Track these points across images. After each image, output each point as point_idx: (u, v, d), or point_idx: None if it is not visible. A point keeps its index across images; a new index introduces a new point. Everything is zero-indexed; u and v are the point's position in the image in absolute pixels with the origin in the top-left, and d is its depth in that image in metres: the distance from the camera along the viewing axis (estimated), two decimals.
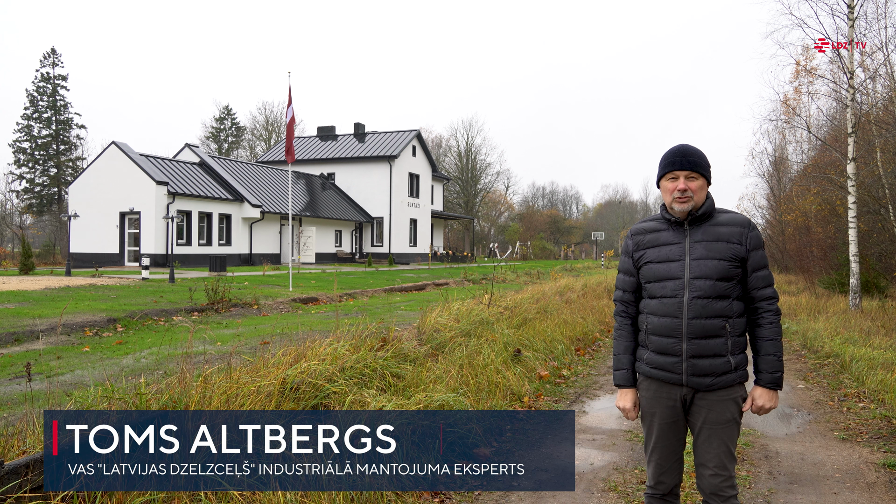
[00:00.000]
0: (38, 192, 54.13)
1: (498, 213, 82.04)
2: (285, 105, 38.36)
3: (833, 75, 18.67)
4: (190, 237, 30.84)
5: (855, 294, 14.22)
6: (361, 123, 47.64)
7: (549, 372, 7.75)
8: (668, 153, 2.85)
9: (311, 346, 5.52)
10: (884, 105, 17.61)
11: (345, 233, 41.96)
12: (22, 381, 5.80)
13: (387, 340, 6.21)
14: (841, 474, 4.67)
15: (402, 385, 5.42)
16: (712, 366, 2.72)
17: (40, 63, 54.97)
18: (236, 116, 70.27)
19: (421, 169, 46.64)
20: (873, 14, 20.71)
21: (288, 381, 4.67)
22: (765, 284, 2.78)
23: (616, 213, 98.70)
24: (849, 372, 8.25)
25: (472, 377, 6.27)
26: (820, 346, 10.22)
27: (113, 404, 3.70)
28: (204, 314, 12.25)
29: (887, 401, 6.61)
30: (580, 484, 4.43)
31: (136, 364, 6.58)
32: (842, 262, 17.71)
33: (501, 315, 9.58)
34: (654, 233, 2.88)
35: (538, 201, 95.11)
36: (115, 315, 10.89)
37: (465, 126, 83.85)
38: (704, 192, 2.80)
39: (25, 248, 24.25)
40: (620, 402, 2.95)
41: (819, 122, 27.07)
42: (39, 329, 9.10)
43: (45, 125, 53.76)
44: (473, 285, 17.66)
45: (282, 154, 46.34)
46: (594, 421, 6.06)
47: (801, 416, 6.40)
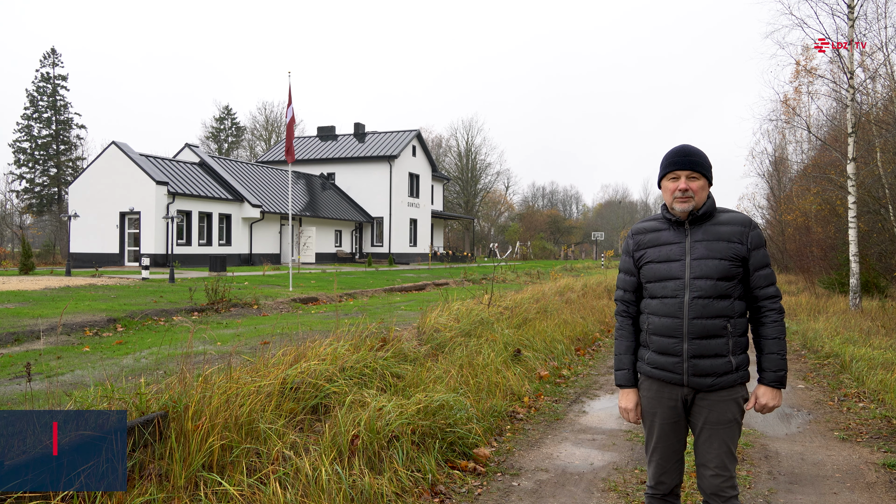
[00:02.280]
0: (38, 192, 54.12)
1: (498, 213, 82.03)
2: (285, 105, 38.38)
3: (833, 75, 18.68)
4: (190, 237, 30.83)
5: (855, 294, 14.21)
6: (361, 123, 47.66)
7: (549, 372, 7.75)
8: (669, 153, 2.85)
9: (311, 346, 5.52)
10: (884, 105, 17.60)
11: (345, 233, 41.95)
12: (22, 381, 5.79)
13: (387, 340, 6.21)
14: (841, 474, 4.67)
15: (402, 385, 5.42)
16: (713, 366, 2.72)
17: (40, 63, 54.99)
18: (236, 116, 70.30)
19: (421, 169, 46.63)
20: (873, 14, 20.72)
21: (288, 381, 4.67)
22: (767, 283, 2.77)
23: (616, 213, 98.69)
24: (849, 372, 8.25)
25: (472, 377, 6.27)
26: (820, 346, 10.21)
27: (113, 404, 3.70)
28: (204, 314, 12.25)
29: (887, 401, 6.61)
30: (580, 484, 4.43)
31: (137, 364, 6.58)
32: (842, 262, 17.71)
33: (501, 315, 9.58)
34: (654, 232, 2.87)
35: (538, 201, 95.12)
36: (115, 315, 10.88)
37: (465, 126, 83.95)
38: (706, 193, 2.79)
39: (25, 248, 24.23)
40: (622, 402, 2.94)
41: (819, 122, 27.08)
42: (39, 329, 9.10)
43: (45, 125, 53.76)
44: (473, 285, 17.66)
45: (282, 154, 46.33)
46: (594, 421, 6.06)
47: (801, 416, 6.40)
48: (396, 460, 4.12)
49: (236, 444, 3.78)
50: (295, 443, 4.01)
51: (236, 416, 3.89)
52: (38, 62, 71.56)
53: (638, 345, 2.95)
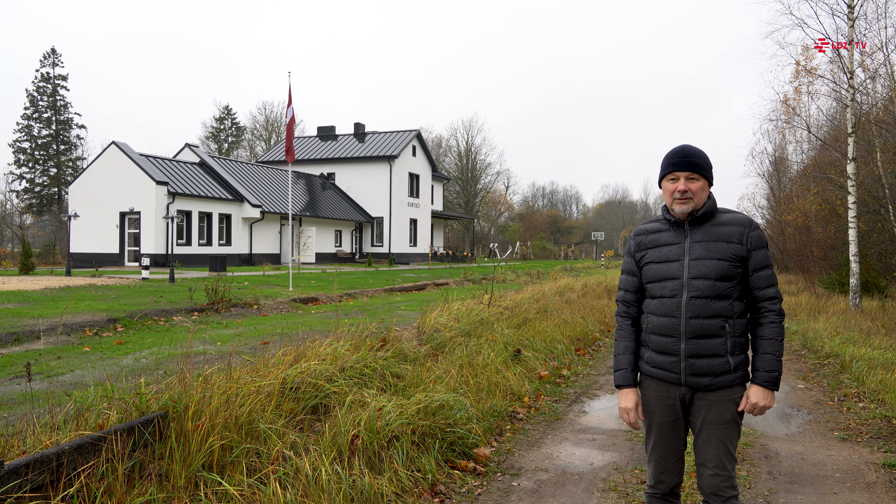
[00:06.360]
0: (38, 192, 54.13)
1: (498, 213, 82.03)
2: (285, 105, 38.37)
3: (833, 75, 18.69)
4: (190, 237, 30.83)
5: (855, 294, 14.21)
6: (361, 123, 47.67)
7: (549, 372, 7.75)
8: (669, 154, 2.84)
9: (311, 346, 5.52)
10: (884, 105, 17.60)
11: (345, 233, 41.94)
12: (22, 381, 5.80)
13: (387, 340, 6.21)
14: (841, 474, 4.67)
15: (402, 385, 5.42)
16: (710, 366, 2.72)
17: (40, 63, 55.02)
18: (236, 116, 70.32)
19: (421, 169, 46.63)
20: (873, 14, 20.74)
21: (288, 381, 4.67)
22: (767, 284, 2.76)
23: (616, 213, 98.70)
24: (849, 372, 8.25)
25: (472, 377, 6.27)
26: (820, 346, 10.21)
27: (113, 404, 3.69)
28: (204, 314, 12.25)
29: (887, 401, 6.61)
30: (580, 484, 4.43)
31: (136, 364, 6.58)
32: (842, 262, 17.71)
33: (501, 315, 9.58)
34: (655, 233, 2.89)
35: (538, 201, 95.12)
36: (115, 315, 10.88)
37: (465, 126, 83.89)
38: (706, 193, 2.79)
39: (25, 248, 24.23)
40: (622, 402, 2.92)
41: (819, 122, 27.09)
42: (39, 329, 9.10)
43: (45, 125, 53.77)
44: (473, 285, 17.66)
45: (282, 154, 46.33)
46: (594, 421, 6.05)
47: (801, 416, 6.40)
48: (396, 460, 4.12)
49: (236, 444, 3.78)
50: (295, 443, 4.01)
51: (236, 416, 3.89)
52: (38, 62, 71.63)
53: (638, 345, 2.95)
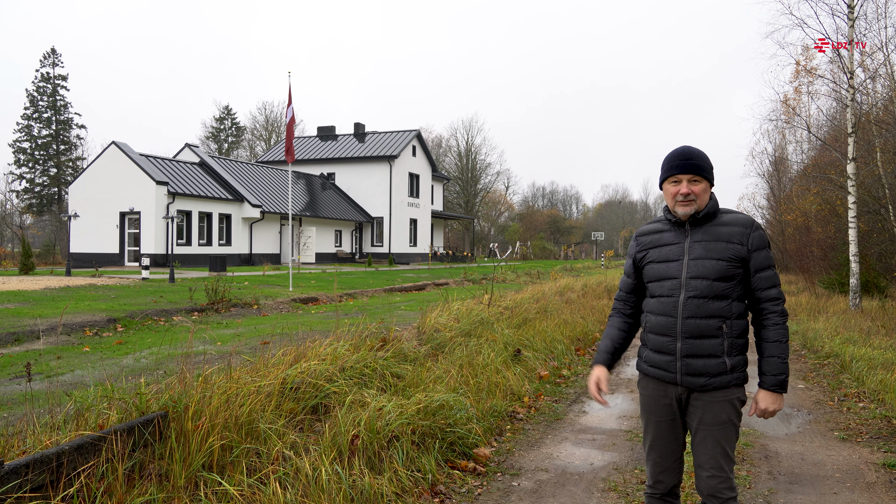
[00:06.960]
0: (38, 192, 54.12)
1: (498, 213, 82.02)
2: (285, 105, 38.37)
3: (833, 75, 18.69)
4: (190, 237, 30.83)
5: (855, 294, 14.21)
6: (361, 123, 47.66)
7: (549, 372, 7.75)
8: (670, 156, 2.84)
9: (311, 346, 5.52)
10: (884, 105, 17.60)
11: (345, 233, 41.94)
12: (22, 381, 5.80)
13: (387, 340, 6.21)
14: (841, 474, 4.67)
15: (402, 385, 5.42)
16: (706, 366, 2.71)
17: (40, 63, 55.01)
18: (236, 116, 70.30)
19: (421, 169, 46.62)
20: (873, 14, 20.74)
21: (288, 381, 4.67)
22: (769, 285, 2.74)
23: (616, 213, 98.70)
24: (849, 372, 8.25)
25: (472, 377, 6.27)
26: (820, 346, 10.21)
27: (113, 404, 3.69)
28: (204, 314, 12.25)
29: (887, 401, 6.61)
30: (580, 484, 4.43)
31: (136, 364, 6.58)
32: (842, 262, 17.71)
33: (501, 315, 9.58)
34: (657, 234, 2.90)
35: (538, 201, 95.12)
36: (115, 315, 10.88)
37: (465, 126, 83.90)
38: (708, 194, 2.79)
39: (25, 248, 24.23)
40: (589, 377, 3.01)
41: (819, 122, 27.09)
42: (39, 329, 9.10)
43: (45, 125, 53.76)
44: (473, 285, 17.67)
45: (282, 154, 46.32)
46: (594, 421, 6.05)
47: (801, 416, 6.40)
48: (396, 460, 4.12)
49: (236, 444, 3.78)
50: (295, 443, 4.01)
51: (236, 416, 3.89)
52: (38, 62, 71.61)
53: (621, 335, 3.03)
